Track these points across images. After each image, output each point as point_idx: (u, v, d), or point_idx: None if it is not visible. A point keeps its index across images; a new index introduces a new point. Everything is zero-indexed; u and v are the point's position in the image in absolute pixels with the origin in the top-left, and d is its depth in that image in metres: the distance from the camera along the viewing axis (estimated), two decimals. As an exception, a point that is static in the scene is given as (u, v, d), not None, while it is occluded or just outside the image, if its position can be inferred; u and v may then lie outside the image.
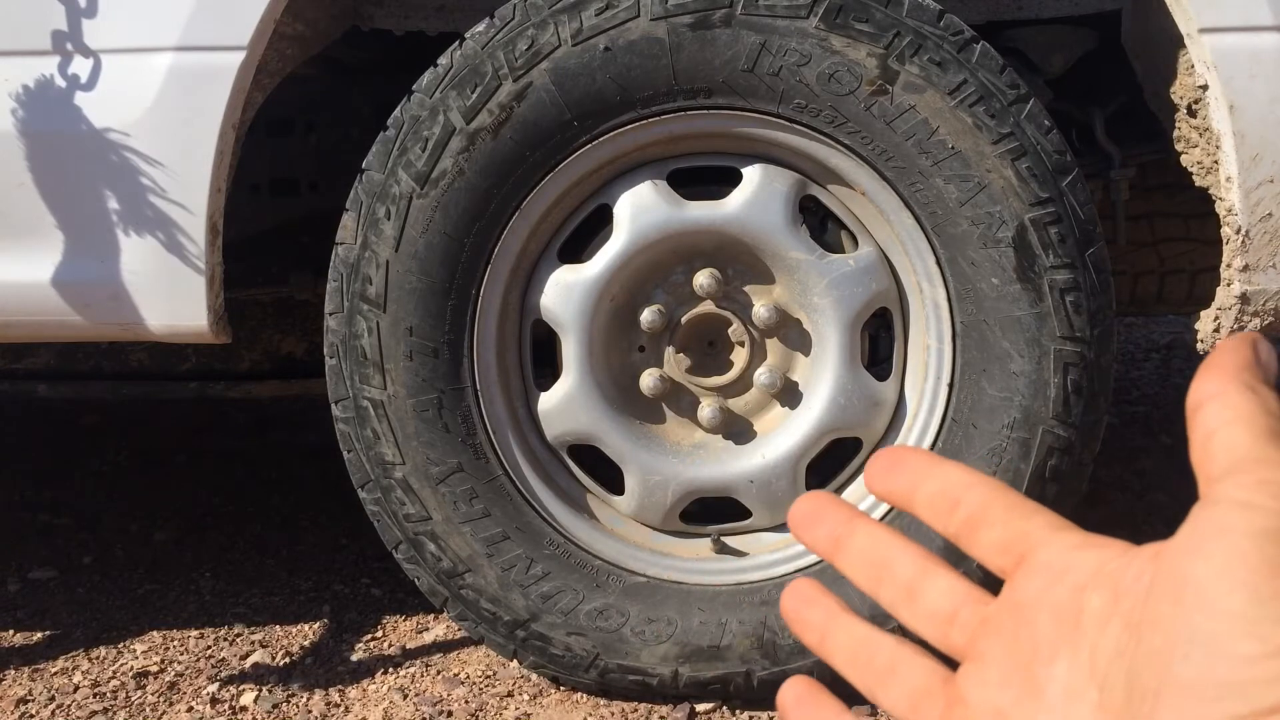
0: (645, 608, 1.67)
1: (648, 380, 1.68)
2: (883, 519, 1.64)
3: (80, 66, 1.61)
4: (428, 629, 1.95)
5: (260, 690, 1.77)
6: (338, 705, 1.74)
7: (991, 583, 0.39)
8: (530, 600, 1.67)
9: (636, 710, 1.69)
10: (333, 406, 1.66)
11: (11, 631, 1.99)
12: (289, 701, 1.75)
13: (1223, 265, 1.61)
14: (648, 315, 1.66)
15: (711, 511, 1.72)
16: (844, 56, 1.54)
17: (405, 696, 1.74)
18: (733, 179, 1.65)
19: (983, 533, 0.39)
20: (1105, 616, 0.35)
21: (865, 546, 0.43)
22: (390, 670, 1.82)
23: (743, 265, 1.67)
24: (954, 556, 0.48)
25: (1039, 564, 0.37)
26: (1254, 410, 0.34)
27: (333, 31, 1.82)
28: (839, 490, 1.70)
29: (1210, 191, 1.63)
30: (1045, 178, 1.55)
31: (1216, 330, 1.63)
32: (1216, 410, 0.34)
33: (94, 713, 1.73)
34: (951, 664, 0.40)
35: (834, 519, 0.44)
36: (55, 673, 1.85)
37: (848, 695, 0.43)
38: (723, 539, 1.71)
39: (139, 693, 1.78)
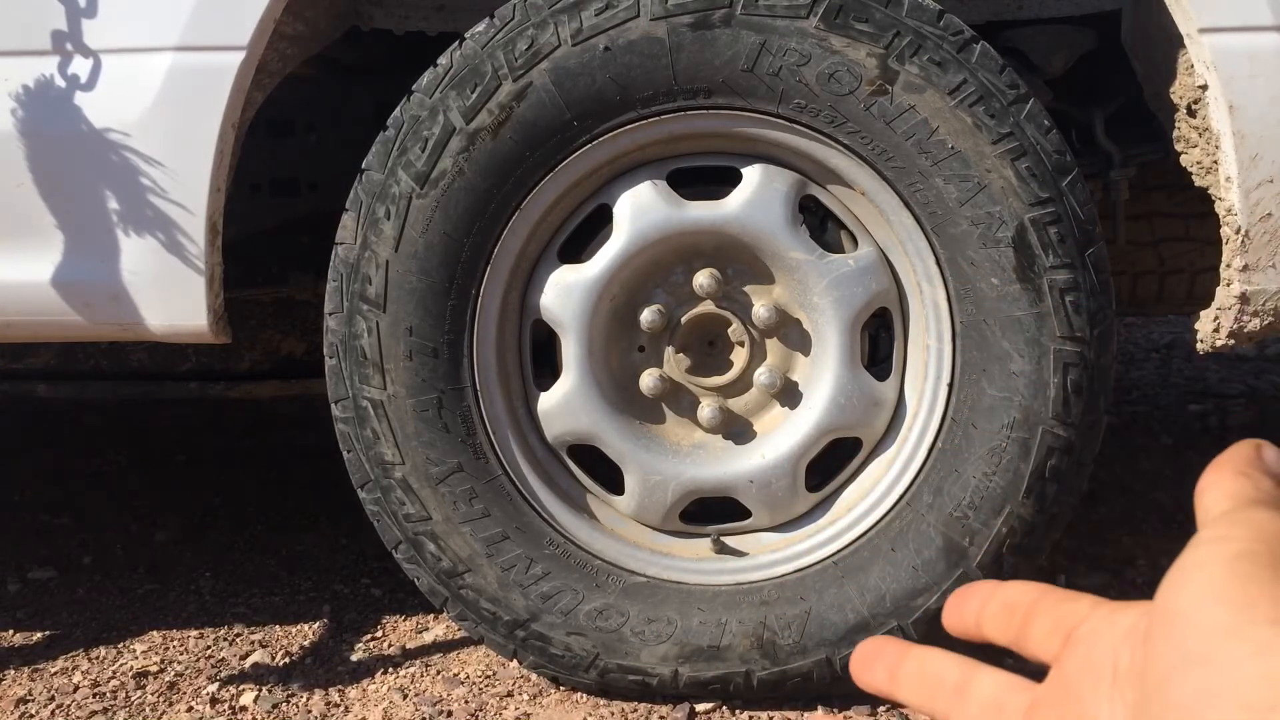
0: (645, 608, 1.67)
1: (648, 380, 1.68)
2: (867, 532, 1.64)
3: (80, 66, 1.61)
4: (428, 629, 1.95)
5: (260, 690, 1.77)
6: (338, 705, 1.74)
7: (1034, 674, 0.41)
8: (530, 600, 1.67)
9: (636, 710, 1.69)
10: (333, 406, 1.66)
11: (11, 631, 1.99)
12: (289, 701, 1.75)
13: (1222, 265, 1.61)
14: (648, 315, 1.66)
15: (711, 511, 1.72)
16: (844, 56, 1.54)
17: (405, 696, 1.74)
18: (733, 179, 1.65)
19: (1034, 626, 0.42)
20: (1132, 671, 0.37)
21: (915, 669, 0.46)
22: (390, 670, 1.82)
23: (742, 265, 1.67)
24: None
25: (1081, 636, 0.40)
26: (1241, 486, 0.38)
27: (333, 31, 1.82)
28: (838, 490, 1.70)
29: (1210, 191, 1.63)
30: (1045, 178, 1.55)
31: (1216, 330, 1.63)
32: (1212, 492, 0.39)
33: (94, 713, 1.73)
34: None
35: (888, 655, 0.47)
36: (55, 673, 1.85)
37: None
38: (722, 539, 1.71)
39: (139, 693, 1.78)
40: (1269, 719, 0.31)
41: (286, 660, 1.87)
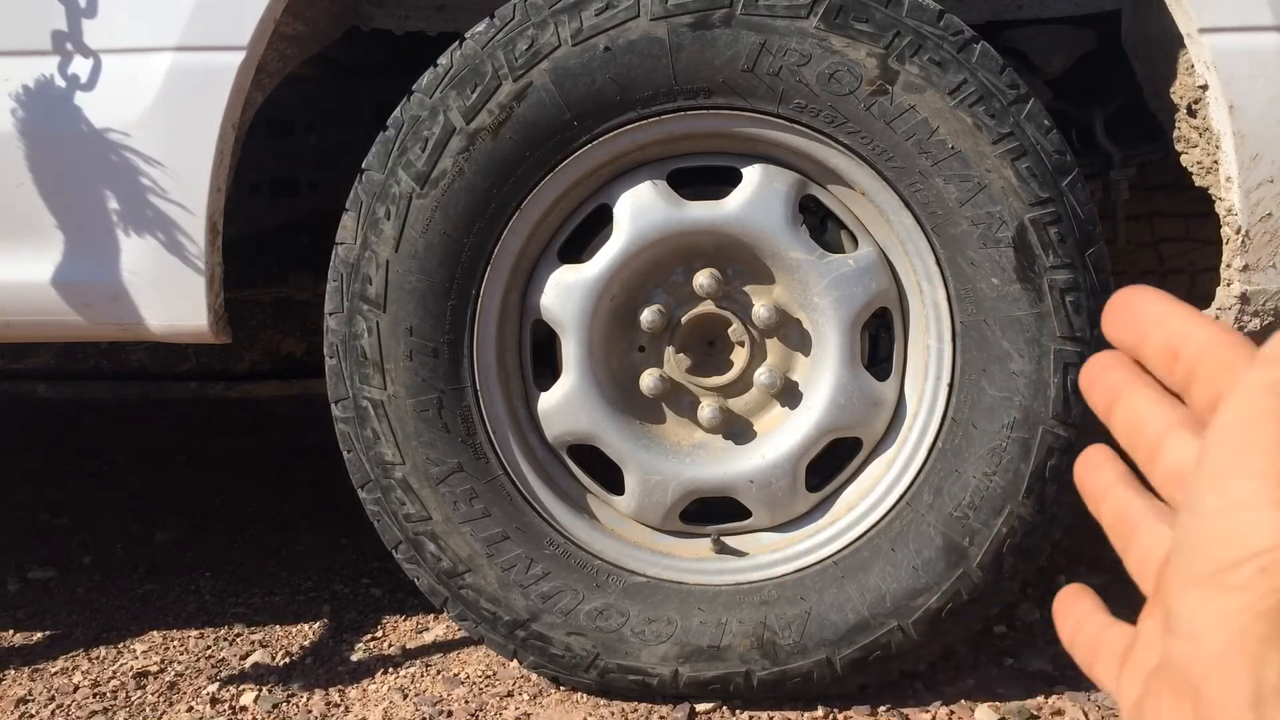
0: (645, 608, 1.67)
1: (648, 380, 1.68)
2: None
3: (80, 66, 1.61)
4: (428, 629, 1.95)
5: (260, 690, 1.77)
6: (338, 705, 1.74)
7: None
8: (530, 600, 1.67)
9: (636, 710, 1.69)
10: (333, 406, 1.66)
11: (11, 631, 1.99)
12: (289, 701, 1.75)
13: (1222, 265, 1.61)
14: (648, 315, 1.66)
15: (712, 511, 1.72)
16: (844, 56, 1.54)
17: (405, 696, 1.74)
18: (733, 179, 1.65)
19: (1196, 389, 0.38)
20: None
21: (1126, 407, 0.42)
22: (390, 670, 1.82)
23: (743, 265, 1.67)
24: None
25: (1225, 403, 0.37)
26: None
27: (333, 31, 1.82)
28: (838, 490, 1.70)
29: (1210, 191, 1.63)
30: (1045, 178, 1.55)
31: (1216, 330, 1.63)
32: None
33: (94, 713, 1.73)
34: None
35: (1114, 380, 0.42)
36: (55, 673, 1.85)
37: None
38: (723, 539, 1.71)
39: (139, 693, 1.78)
40: (1229, 575, 0.31)
41: (286, 660, 1.87)
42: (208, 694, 1.77)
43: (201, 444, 2.87)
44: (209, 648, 1.91)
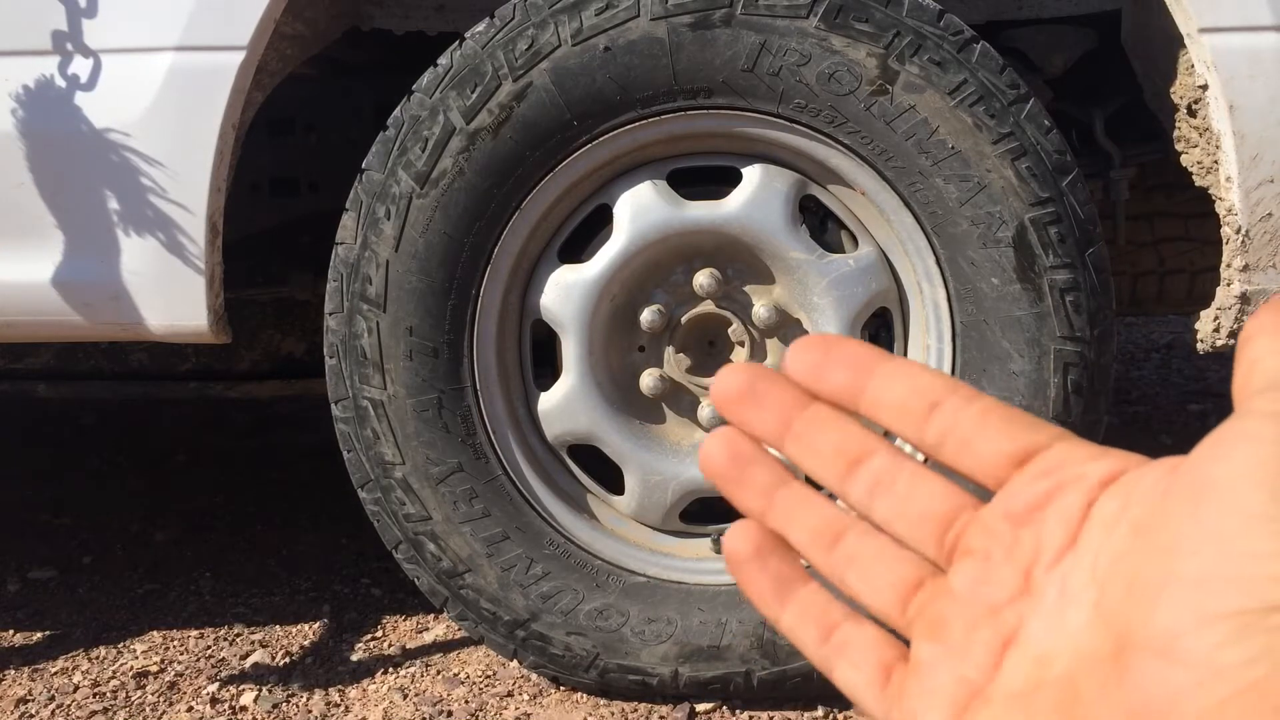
0: (645, 608, 1.67)
1: (648, 380, 1.68)
2: None
3: (80, 66, 1.61)
4: (428, 629, 1.95)
5: (260, 690, 1.77)
6: (338, 705, 1.74)
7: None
8: (530, 600, 1.67)
9: (636, 710, 1.69)
10: (333, 406, 1.66)
11: (11, 631, 1.99)
12: (289, 701, 1.75)
13: (1223, 265, 1.61)
14: (648, 315, 1.66)
15: (712, 511, 1.72)
16: (844, 56, 1.54)
17: (405, 696, 1.74)
18: (733, 179, 1.65)
19: (979, 444, 0.36)
20: (1114, 521, 0.34)
21: (832, 436, 0.38)
22: (390, 670, 1.83)
23: (743, 265, 1.67)
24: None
25: (1044, 470, 0.35)
26: None
27: (333, 31, 1.82)
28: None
29: (1210, 191, 1.63)
30: (1045, 178, 1.55)
31: (1216, 330, 1.63)
32: (1265, 341, 0.33)
33: (94, 713, 1.73)
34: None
35: (781, 398, 0.39)
36: (55, 673, 1.85)
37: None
38: (722, 539, 1.71)
39: (139, 693, 1.78)
40: (1267, 618, 0.29)
41: (286, 660, 1.87)
42: (208, 694, 1.77)
43: (201, 444, 2.87)
44: (209, 648, 1.91)
